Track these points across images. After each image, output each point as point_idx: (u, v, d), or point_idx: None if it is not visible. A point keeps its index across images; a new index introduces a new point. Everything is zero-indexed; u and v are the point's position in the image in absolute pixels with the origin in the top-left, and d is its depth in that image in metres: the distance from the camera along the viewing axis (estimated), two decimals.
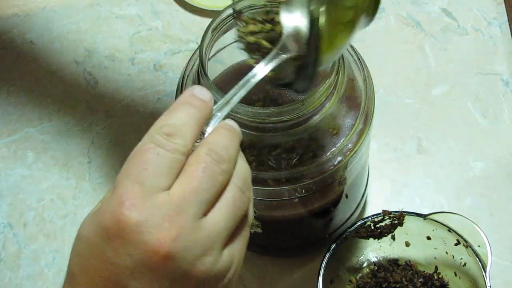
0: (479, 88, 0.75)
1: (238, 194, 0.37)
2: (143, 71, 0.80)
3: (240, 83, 0.41)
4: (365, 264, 0.63)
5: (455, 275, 0.60)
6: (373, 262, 0.63)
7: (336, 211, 0.61)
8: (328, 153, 0.51)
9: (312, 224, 0.61)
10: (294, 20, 0.44)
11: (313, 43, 0.41)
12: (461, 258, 0.59)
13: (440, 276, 0.62)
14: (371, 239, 0.61)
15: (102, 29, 0.84)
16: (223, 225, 0.36)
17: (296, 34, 0.43)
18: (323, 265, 0.57)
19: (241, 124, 0.48)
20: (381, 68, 0.76)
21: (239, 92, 0.40)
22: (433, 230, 0.59)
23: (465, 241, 0.57)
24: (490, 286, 0.55)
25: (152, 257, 0.33)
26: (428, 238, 0.60)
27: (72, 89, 0.79)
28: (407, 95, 0.75)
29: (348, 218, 0.64)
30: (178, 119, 0.36)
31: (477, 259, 0.56)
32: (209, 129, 0.38)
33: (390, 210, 0.60)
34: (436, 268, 0.62)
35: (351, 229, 0.59)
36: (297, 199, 0.54)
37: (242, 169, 0.38)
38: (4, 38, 0.84)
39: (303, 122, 0.49)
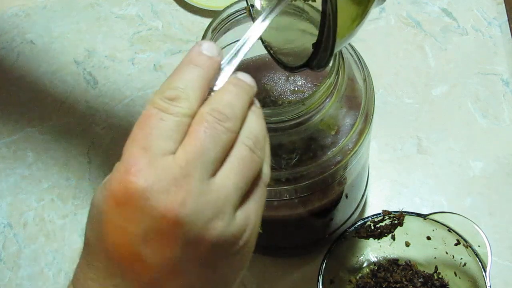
0: (479, 88, 0.75)
1: (246, 153, 0.35)
2: (143, 71, 0.80)
3: (248, 32, 0.40)
4: (365, 264, 0.63)
5: (455, 275, 0.60)
6: (373, 262, 0.63)
7: (336, 211, 0.61)
8: (328, 153, 0.51)
9: (312, 224, 0.61)
10: None
11: (328, 14, 0.39)
12: (461, 258, 0.59)
13: (440, 276, 0.62)
14: (371, 239, 0.61)
15: (102, 29, 0.84)
16: (232, 186, 0.34)
17: None
18: (323, 265, 0.57)
19: None
20: (381, 68, 0.77)
21: (248, 41, 0.39)
22: (433, 230, 0.59)
23: (465, 241, 0.57)
24: (490, 286, 0.55)
25: (161, 223, 0.33)
26: (428, 238, 0.60)
27: (72, 89, 0.80)
28: (407, 95, 0.75)
29: (348, 218, 0.64)
30: (182, 81, 0.35)
31: (477, 259, 0.56)
32: (218, 85, 0.36)
33: (390, 210, 0.60)
34: (436, 268, 0.62)
35: (351, 229, 0.59)
36: (297, 199, 0.54)
37: (253, 126, 0.36)
38: (4, 38, 0.84)
39: (303, 122, 0.48)
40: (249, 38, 0.39)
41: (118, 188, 0.33)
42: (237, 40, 0.41)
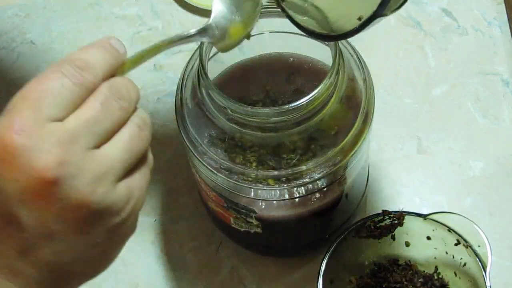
0: (479, 88, 0.75)
1: (135, 130, 0.36)
2: (143, 71, 0.80)
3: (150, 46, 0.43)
4: (365, 264, 0.63)
5: (455, 275, 0.60)
6: (373, 262, 0.63)
7: (336, 211, 0.61)
8: (328, 153, 0.51)
9: (312, 224, 0.61)
10: (222, 9, 0.46)
11: None
12: (461, 258, 0.59)
13: (440, 276, 0.62)
14: (371, 239, 0.61)
15: (102, 29, 0.84)
16: (117, 157, 0.35)
17: (219, 24, 0.45)
18: (323, 265, 0.57)
19: (241, 124, 0.49)
20: (381, 68, 0.76)
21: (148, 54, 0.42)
22: (433, 230, 0.59)
23: (465, 241, 0.57)
24: (490, 286, 0.55)
25: (39, 183, 0.32)
26: (428, 238, 0.60)
27: None
28: (407, 95, 0.75)
29: (348, 218, 0.64)
30: (93, 57, 0.35)
31: (477, 259, 0.56)
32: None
33: (390, 210, 0.60)
34: (436, 268, 0.62)
35: (351, 229, 0.59)
36: (297, 199, 0.54)
37: (142, 113, 0.38)
38: (4, 38, 0.84)
39: (303, 122, 0.49)
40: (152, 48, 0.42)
41: None
42: None
